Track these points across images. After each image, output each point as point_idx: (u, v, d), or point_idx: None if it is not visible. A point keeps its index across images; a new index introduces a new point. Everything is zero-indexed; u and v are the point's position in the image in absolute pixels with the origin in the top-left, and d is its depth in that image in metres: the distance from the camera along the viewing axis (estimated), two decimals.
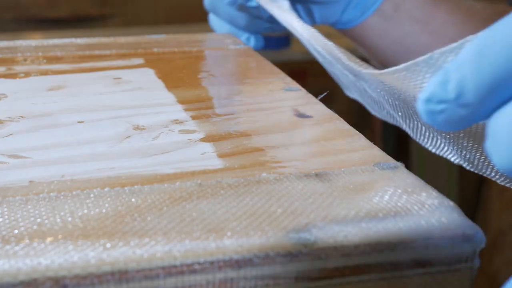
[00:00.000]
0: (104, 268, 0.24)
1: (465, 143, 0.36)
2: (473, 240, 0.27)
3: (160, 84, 0.46)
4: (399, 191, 0.30)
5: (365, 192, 0.29)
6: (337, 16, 0.60)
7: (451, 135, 0.36)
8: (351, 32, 0.62)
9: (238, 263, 0.24)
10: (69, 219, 0.27)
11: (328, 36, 0.41)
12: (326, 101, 0.43)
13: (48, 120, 0.38)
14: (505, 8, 0.64)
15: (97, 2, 1.77)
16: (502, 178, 0.36)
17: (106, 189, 0.29)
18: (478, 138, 0.35)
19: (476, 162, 0.37)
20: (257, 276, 0.25)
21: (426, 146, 0.40)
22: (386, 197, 0.29)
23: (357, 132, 0.37)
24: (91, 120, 0.38)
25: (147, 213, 0.27)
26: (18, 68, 0.49)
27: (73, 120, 0.39)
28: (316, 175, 0.31)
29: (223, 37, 0.59)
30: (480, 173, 0.38)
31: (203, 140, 0.36)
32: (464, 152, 0.37)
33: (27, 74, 0.48)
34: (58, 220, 0.27)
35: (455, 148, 0.37)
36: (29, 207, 0.28)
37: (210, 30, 0.63)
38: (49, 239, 0.25)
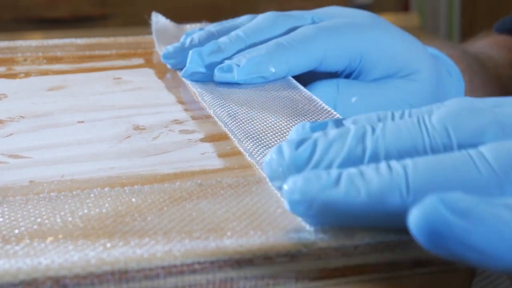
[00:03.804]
0: (104, 268, 0.24)
1: None
2: None
3: (160, 84, 0.46)
4: None
5: None
6: None
7: None
8: None
9: (238, 263, 0.24)
10: (69, 219, 0.27)
11: None
12: None
13: (48, 120, 0.39)
14: (495, 39, 0.63)
15: (97, 2, 1.76)
16: None
17: (106, 189, 0.29)
18: None
19: None
20: (257, 276, 0.25)
21: None
22: None
23: None
24: (91, 120, 0.38)
25: (147, 213, 0.27)
26: (18, 68, 0.49)
27: (73, 120, 0.39)
28: None
29: None
30: None
31: (203, 140, 0.36)
32: None
33: (27, 74, 0.48)
34: (58, 220, 0.27)
35: None
36: (29, 207, 0.28)
37: None
38: (49, 239, 0.25)
